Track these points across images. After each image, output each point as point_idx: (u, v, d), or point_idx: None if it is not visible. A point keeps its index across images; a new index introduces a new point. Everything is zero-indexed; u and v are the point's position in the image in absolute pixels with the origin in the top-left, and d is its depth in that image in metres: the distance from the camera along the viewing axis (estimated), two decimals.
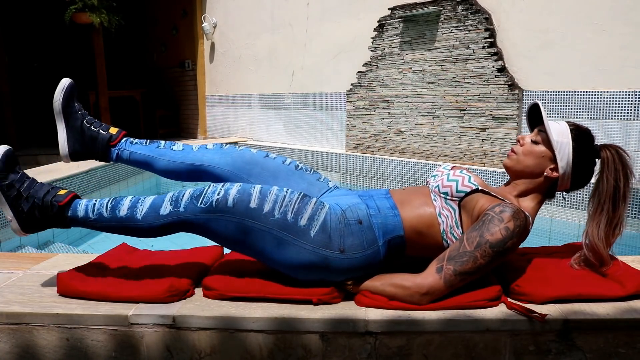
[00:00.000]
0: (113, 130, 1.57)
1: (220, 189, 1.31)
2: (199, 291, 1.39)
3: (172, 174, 1.55)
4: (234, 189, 1.31)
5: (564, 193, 1.44)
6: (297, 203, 1.30)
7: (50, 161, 5.34)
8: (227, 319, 1.24)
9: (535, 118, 1.47)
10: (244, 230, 1.28)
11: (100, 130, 1.56)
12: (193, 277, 1.42)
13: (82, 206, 1.37)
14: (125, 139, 1.58)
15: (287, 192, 1.33)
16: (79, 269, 1.46)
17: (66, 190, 1.40)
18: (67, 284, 1.36)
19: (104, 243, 3.23)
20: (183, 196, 1.32)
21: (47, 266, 1.64)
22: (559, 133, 1.35)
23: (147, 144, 1.58)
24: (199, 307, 1.28)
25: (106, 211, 1.35)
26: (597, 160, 1.39)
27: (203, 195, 1.31)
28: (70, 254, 1.96)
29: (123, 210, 1.34)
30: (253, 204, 1.28)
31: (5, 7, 7.30)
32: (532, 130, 1.47)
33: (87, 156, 1.57)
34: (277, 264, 1.32)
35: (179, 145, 1.58)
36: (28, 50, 8.72)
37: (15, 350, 1.28)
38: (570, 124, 1.38)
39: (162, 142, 1.59)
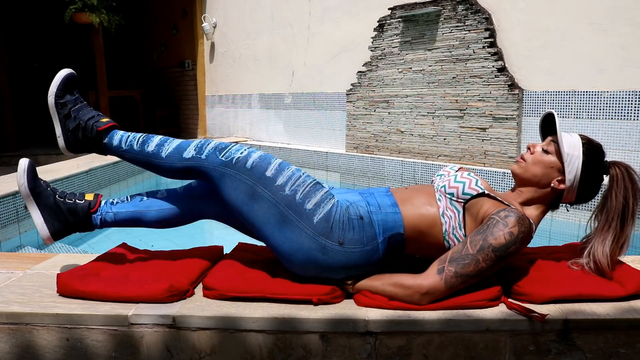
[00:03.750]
0: (89, 197, 1.50)
1: (245, 150, 1.38)
2: (199, 291, 1.39)
3: (165, 222, 1.52)
4: (256, 154, 1.37)
5: (568, 205, 1.44)
6: (309, 186, 1.33)
7: (50, 161, 5.34)
8: (227, 319, 1.24)
9: (547, 127, 1.46)
10: (253, 195, 1.32)
11: (77, 200, 1.48)
12: (193, 277, 1.42)
13: (117, 136, 1.48)
14: (104, 201, 1.52)
15: (303, 173, 1.37)
16: (79, 269, 1.46)
17: (108, 119, 1.49)
18: (67, 284, 1.36)
19: (104, 243, 3.23)
20: (208, 145, 1.40)
21: (47, 266, 1.64)
22: (571, 145, 1.34)
23: (129, 199, 1.53)
24: (199, 307, 1.28)
25: (136, 144, 1.45)
26: (605, 176, 1.38)
27: (227, 149, 1.38)
28: (70, 254, 1.96)
29: (151, 146, 1.44)
30: (269, 173, 1.33)
31: (5, 7, 7.29)
32: (543, 138, 1.47)
33: (69, 231, 1.49)
34: (275, 244, 1.32)
35: (162, 191, 1.54)
36: (28, 50, 8.72)
37: (15, 350, 1.28)
38: (583, 137, 1.37)
39: (144, 193, 1.55)
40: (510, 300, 1.28)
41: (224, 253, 1.68)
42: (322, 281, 1.33)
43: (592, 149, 1.36)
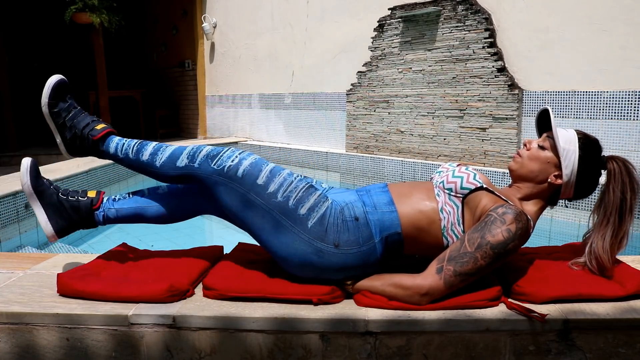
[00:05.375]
0: (92, 194, 1.53)
1: (236, 156, 1.37)
2: (199, 291, 1.39)
3: (167, 218, 1.53)
4: (247, 161, 1.36)
5: (566, 202, 1.44)
6: (301, 191, 1.33)
7: (50, 161, 5.34)
8: (227, 319, 1.24)
9: (543, 123, 1.46)
10: (247, 202, 1.33)
11: (79, 198, 1.50)
12: (193, 277, 1.42)
13: (113, 143, 1.49)
14: (106, 198, 1.54)
15: (295, 178, 1.36)
16: (79, 269, 1.46)
17: (104, 125, 1.51)
18: (67, 284, 1.36)
19: (104, 243, 3.23)
20: (200, 152, 1.40)
21: (47, 266, 1.64)
22: (567, 140, 1.34)
23: (130, 196, 1.55)
24: (199, 307, 1.28)
25: (132, 153, 1.47)
26: (602, 171, 1.38)
27: (219, 157, 1.37)
28: (70, 254, 1.96)
29: (145, 156, 1.45)
30: (260, 181, 1.33)
31: (5, 7, 7.29)
32: (539, 135, 1.47)
33: (73, 228, 1.51)
34: (271, 249, 1.33)
35: (163, 186, 1.55)
36: (28, 50, 8.71)
37: (15, 350, 1.28)
38: (579, 132, 1.37)
39: (145, 189, 1.56)
40: (510, 300, 1.28)
41: (224, 253, 1.68)
42: (322, 281, 1.33)
43: (588, 144, 1.36)
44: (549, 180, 1.37)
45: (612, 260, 1.34)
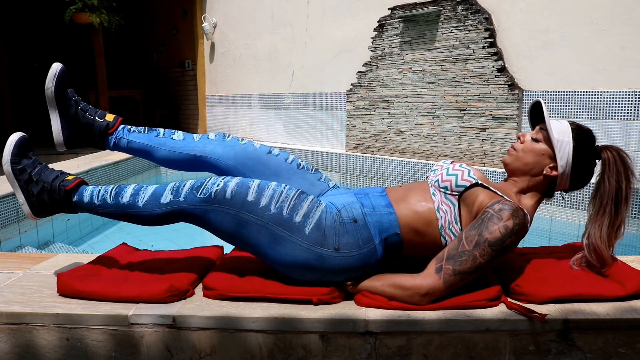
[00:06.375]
0: (109, 117, 1.54)
1: (220, 181, 1.33)
2: (199, 291, 1.39)
3: (172, 164, 1.55)
4: (233, 182, 1.33)
5: (563, 193, 1.44)
6: (293, 199, 1.31)
7: (50, 161, 5.33)
8: (227, 319, 1.24)
9: (537, 116, 1.46)
10: (240, 223, 1.30)
11: (96, 118, 1.53)
12: (193, 277, 1.42)
13: (87, 192, 1.41)
14: (122, 126, 1.56)
15: (284, 187, 1.34)
16: (79, 269, 1.46)
17: (74, 176, 1.43)
18: (67, 284, 1.36)
19: (104, 243, 3.23)
20: (184, 186, 1.35)
21: (47, 266, 1.64)
22: (560, 132, 1.35)
23: (146, 132, 1.56)
24: (199, 307, 1.28)
25: (110, 197, 1.39)
26: (597, 161, 1.38)
27: (203, 186, 1.33)
28: (70, 254, 1.96)
29: (125, 197, 1.37)
30: (250, 197, 1.30)
31: (5, 7, 7.29)
32: (533, 128, 1.47)
33: (82, 143, 1.55)
34: (272, 261, 1.32)
35: (179, 134, 1.56)
36: (28, 50, 8.72)
37: (15, 350, 1.28)
38: (572, 123, 1.38)
39: (162, 130, 1.57)
40: (510, 300, 1.28)
41: (224, 253, 1.68)
42: (322, 283, 1.33)
43: (581, 134, 1.36)
44: (544, 172, 1.37)
45: (610, 250, 1.34)
